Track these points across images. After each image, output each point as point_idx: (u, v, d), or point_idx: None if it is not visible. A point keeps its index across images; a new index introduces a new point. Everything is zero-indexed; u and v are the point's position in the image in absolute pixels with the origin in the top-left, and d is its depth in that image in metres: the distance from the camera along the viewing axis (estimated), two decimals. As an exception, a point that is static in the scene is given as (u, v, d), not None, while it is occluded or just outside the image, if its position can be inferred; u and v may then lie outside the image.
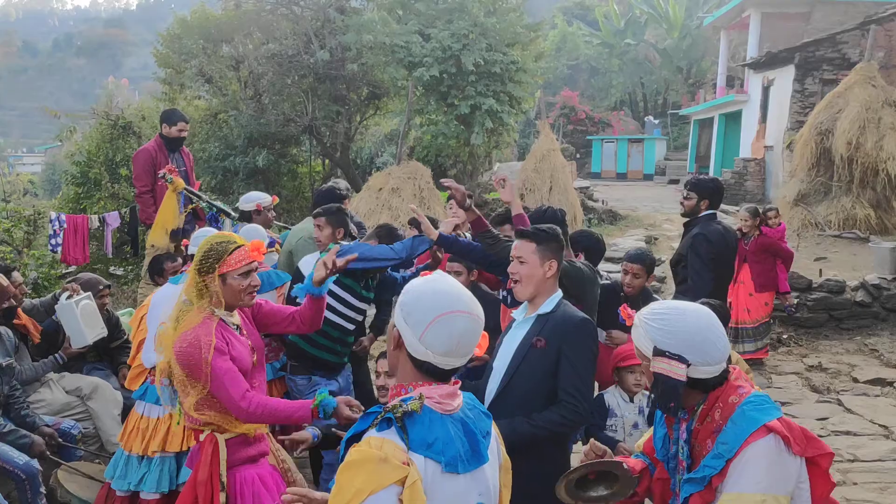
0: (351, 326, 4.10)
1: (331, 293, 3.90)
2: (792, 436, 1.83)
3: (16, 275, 4.66)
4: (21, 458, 3.72)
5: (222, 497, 2.66)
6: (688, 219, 4.81)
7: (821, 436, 5.61)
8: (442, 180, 3.99)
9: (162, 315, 3.13)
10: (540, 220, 3.60)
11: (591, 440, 2.34)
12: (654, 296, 4.22)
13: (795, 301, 8.14)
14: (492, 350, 2.91)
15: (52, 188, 28.58)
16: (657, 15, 32.33)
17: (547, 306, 2.76)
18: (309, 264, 4.19)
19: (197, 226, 6.32)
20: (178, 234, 5.97)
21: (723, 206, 15.95)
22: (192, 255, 3.78)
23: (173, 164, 6.14)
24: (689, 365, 1.84)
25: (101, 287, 4.86)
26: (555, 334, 2.67)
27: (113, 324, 5.01)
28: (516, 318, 2.88)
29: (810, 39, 17.24)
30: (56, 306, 4.43)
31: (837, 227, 12.07)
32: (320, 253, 4.24)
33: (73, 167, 12.13)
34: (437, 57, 13.24)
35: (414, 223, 5.03)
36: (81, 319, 4.36)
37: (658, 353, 1.86)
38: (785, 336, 8.17)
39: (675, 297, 4.30)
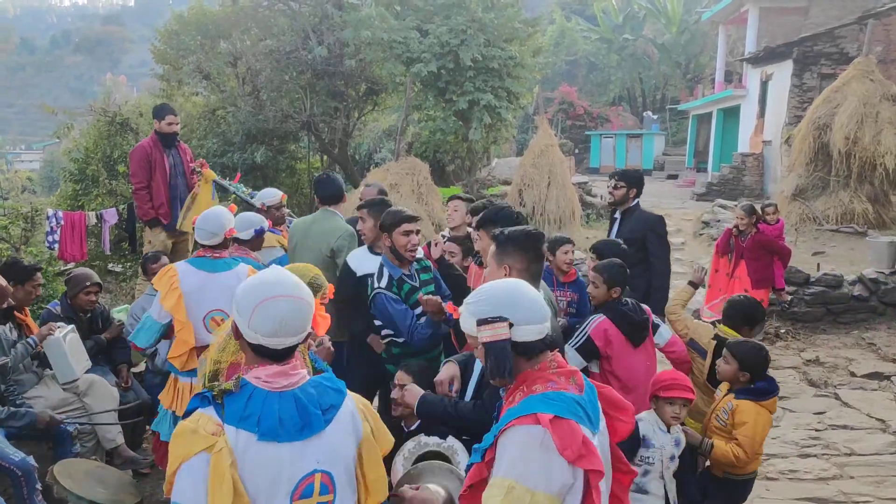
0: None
1: None
2: (562, 438, 1.73)
3: (37, 275, 4.61)
4: (17, 454, 3.71)
5: None
6: (618, 207, 5.20)
7: (818, 430, 5.66)
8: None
9: (207, 300, 3.62)
10: (497, 217, 3.40)
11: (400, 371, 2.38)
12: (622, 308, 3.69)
13: (790, 297, 8.15)
14: None
15: (50, 185, 28.57)
16: (655, 10, 32.28)
17: None
18: (358, 258, 4.10)
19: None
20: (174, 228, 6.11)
21: (721, 202, 15.98)
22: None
23: (170, 160, 6.16)
24: (511, 325, 1.86)
25: (87, 284, 4.74)
26: None
27: (105, 318, 4.99)
28: None
29: (808, 34, 17.23)
30: (43, 343, 4.33)
31: (835, 222, 12.08)
32: (368, 247, 4.18)
33: (71, 164, 12.09)
34: (435, 52, 13.22)
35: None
36: (69, 353, 4.27)
37: (480, 322, 1.88)
38: (782, 330, 8.17)
39: (632, 280, 4.02)
